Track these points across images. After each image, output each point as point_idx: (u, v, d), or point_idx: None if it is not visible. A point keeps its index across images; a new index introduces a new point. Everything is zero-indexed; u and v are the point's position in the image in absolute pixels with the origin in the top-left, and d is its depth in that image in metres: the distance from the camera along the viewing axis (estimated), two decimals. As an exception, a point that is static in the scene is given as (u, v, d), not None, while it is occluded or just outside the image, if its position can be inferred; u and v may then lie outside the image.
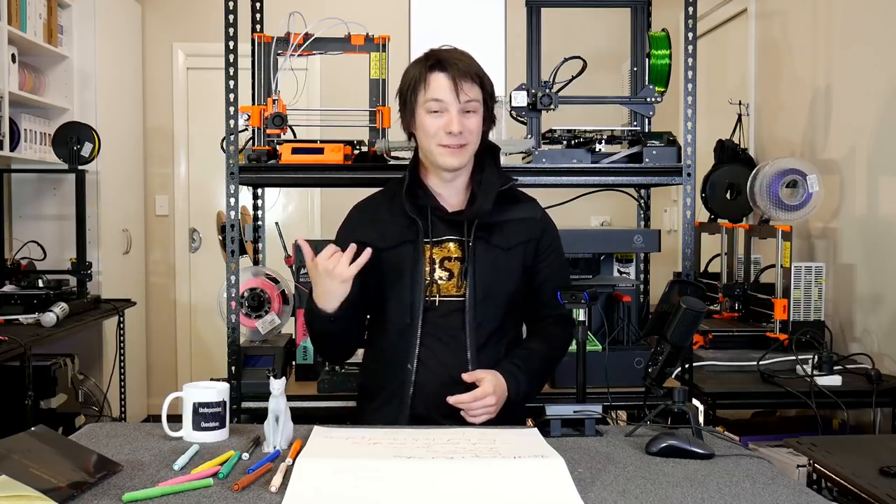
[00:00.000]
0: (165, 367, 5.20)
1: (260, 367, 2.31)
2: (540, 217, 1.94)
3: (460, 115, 1.77)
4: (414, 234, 1.85)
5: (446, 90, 1.77)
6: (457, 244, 1.86)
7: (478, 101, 1.80)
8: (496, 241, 1.85)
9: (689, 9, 2.34)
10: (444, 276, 1.84)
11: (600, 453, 1.49)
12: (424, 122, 1.80)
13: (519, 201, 1.93)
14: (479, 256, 1.83)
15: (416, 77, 1.80)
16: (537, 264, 1.91)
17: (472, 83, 1.78)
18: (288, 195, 5.15)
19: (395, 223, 1.86)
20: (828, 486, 1.62)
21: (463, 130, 1.77)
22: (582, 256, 2.43)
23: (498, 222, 1.86)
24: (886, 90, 2.66)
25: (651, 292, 2.90)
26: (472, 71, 1.79)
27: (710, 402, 2.36)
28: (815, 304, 2.66)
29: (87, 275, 3.79)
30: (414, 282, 1.82)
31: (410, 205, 1.84)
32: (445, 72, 1.77)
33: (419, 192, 1.87)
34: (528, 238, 1.89)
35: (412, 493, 1.23)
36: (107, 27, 4.45)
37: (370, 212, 1.92)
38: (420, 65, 1.81)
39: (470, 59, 1.82)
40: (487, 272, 1.84)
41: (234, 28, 2.28)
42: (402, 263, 1.84)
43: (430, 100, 1.78)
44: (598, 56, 2.84)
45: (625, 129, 2.50)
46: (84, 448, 1.41)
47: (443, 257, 1.85)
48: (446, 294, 1.84)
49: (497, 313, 1.85)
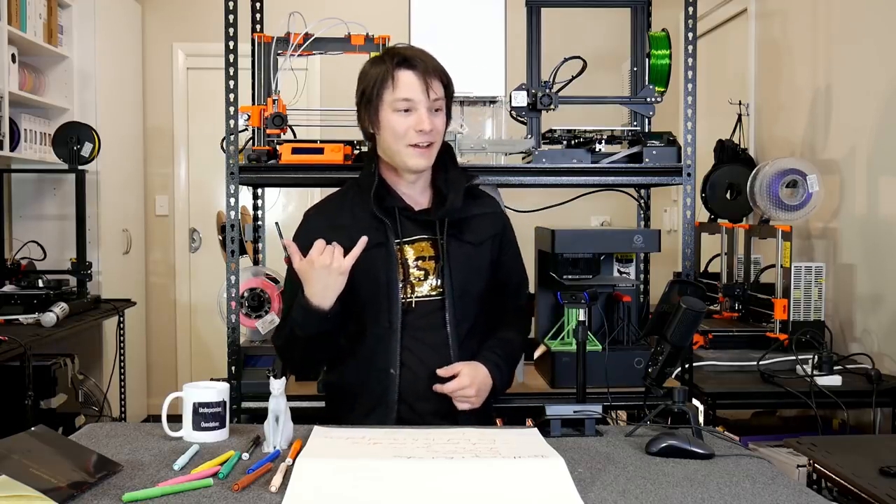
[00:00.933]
0: (165, 367, 5.20)
1: (260, 367, 2.32)
2: (500, 211, 1.97)
3: (430, 114, 1.76)
4: (383, 235, 1.80)
5: (416, 88, 1.74)
6: (429, 242, 1.84)
7: (442, 100, 1.79)
8: (467, 238, 1.86)
9: (689, 9, 2.34)
10: (420, 275, 1.83)
11: (600, 453, 1.49)
12: (392, 121, 1.76)
13: (478, 196, 1.95)
14: (452, 254, 1.83)
15: (382, 75, 1.76)
16: (501, 257, 1.93)
17: (438, 81, 1.77)
18: (288, 195, 5.14)
19: (361, 227, 1.78)
20: (828, 486, 1.62)
21: (433, 129, 1.76)
22: (582, 256, 2.43)
23: (465, 218, 1.86)
24: (886, 90, 2.66)
25: (651, 292, 2.89)
26: (439, 69, 1.78)
27: (710, 402, 2.36)
28: (815, 304, 2.66)
29: (87, 275, 3.79)
30: (390, 284, 1.79)
31: (378, 206, 1.81)
32: (414, 69, 1.75)
33: (384, 194, 1.84)
34: (494, 233, 1.91)
35: (412, 493, 1.23)
36: (107, 27, 4.45)
37: (330, 217, 1.87)
38: (384, 63, 1.77)
39: (432, 57, 1.80)
40: (462, 269, 1.84)
41: (234, 28, 2.28)
42: (375, 267, 1.79)
43: (399, 99, 1.75)
44: (598, 56, 2.84)
45: (625, 129, 2.49)
46: (84, 448, 1.41)
47: (417, 256, 1.83)
48: (423, 294, 1.83)
49: (473, 309, 1.86)
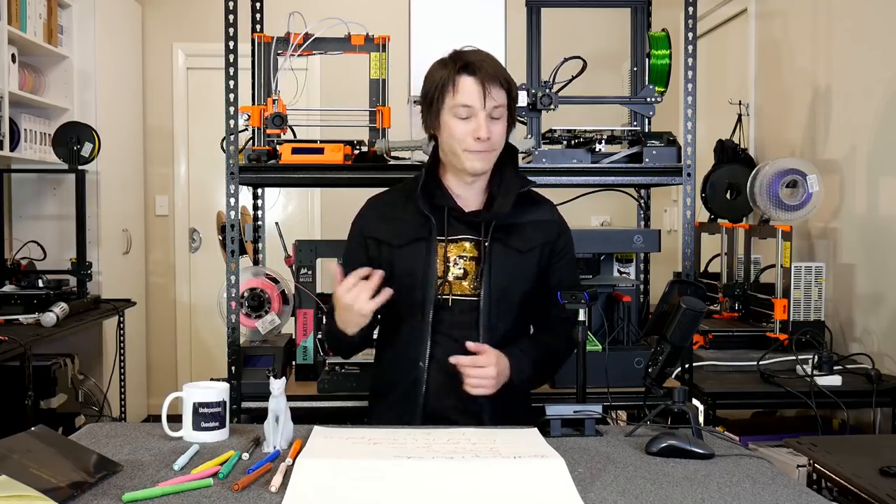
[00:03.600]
0: (165, 367, 5.20)
1: (260, 367, 2.31)
2: (556, 219, 1.93)
3: (487, 121, 1.75)
4: (427, 231, 1.83)
5: (475, 95, 1.74)
6: (473, 244, 1.85)
7: (503, 107, 1.78)
8: (513, 244, 1.85)
9: (689, 9, 2.34)
10: (459, 274, 1.83)
11: (600, 453, 1.49)
12: (451, 126, 1.77)
13: (535, 203, 1.92)
14: (495, 257, 1.82)
15: (444, 79, 1.76)
16: (551, 266, 1.90)
17: (500, 88, 1.76)
18: (288, 195, 5.15)
19: (409, 221, 1.84)
20: (828, 486, 1.62)
21: (491, 136, 1.76)
22: (582, 256, 2.43)
23: (515, 224, 1.85)
24: (886, 90, 2.66)
25: (651, 292, 2.90)
26: (501, 76, 1.77)
27: (710, 402, 2.36)
28: (815, 304, 2.66)
29: (87, 275, 3.79)
30: (426, 279, 1.81)
31: (425, 203, 1.83)
32: (475, 76, 1.74)
33: (436, 192, 1.86)
34: (545, 241, 1.88)
35: (412, 493, 1.23)
36: (107, 27, 4.45)
37: (384, 208, 1.91)
38: (447, 67, 1.77)
39: (496, 62, 1.79)
40: (503, 274, 1.83)
41: (234, 28, 2.28)
42: (415, 261, 1.83)
43: (458, 105, 1.75)
44: (598, 56, 2.84)
45: (625, 129, 2.49)
46: (84, 448, 1.41)
47: (458, 255, 1.84)
48: (460, 293, 1.83)
49: (511, 315, 1.85)
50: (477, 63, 1.76)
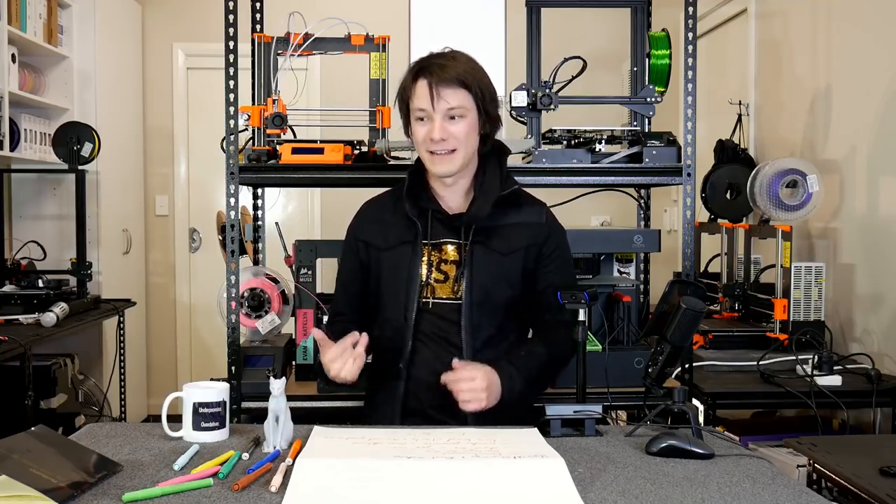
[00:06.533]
0: (165, 367, 5.20)
1: (260, 367, 2.31)
2: (545, 221, 1.91)
3: (444, 122, 1.76)
4: (413, 235, 1.86)
5: (425, 98, 1.76)
6: (455, 247, 1.86)
7: (464, 107, 1.77)
8: (495, 246, 1.85)
9: (689, 9, 2.34)
10: (440, 278, 1.85)
11: (600, 453, 1.49)
12: (414, 129, 1.83)
13: (523, 205, 1.91)
14: (476, 260, 1.83)
15: (405, 85, 1.81)
16: (539, 269, 1.89)
17: (454, 89, 1.76)
18: (288, 195, 5.15)
19: (397, 224, 1.88)
20: (828, 486, 1.62)
21: (447, 137, 1.76)
22: (582, 256, 2.43)
23: (498, 226, 1.86)
24: (886, 90, 2.66)
25: (651, 292, 2.90)
26: (454, 76, 1.76)
27: (710, 402, 2.35)
28: (815, 304, 2.65)
29: (87, 275, 3.79)
30: (410, 282, 1.84)
31: (411, 206, 1.85)
32: (427, 79, 1.76)
33: (421, 194, 1.88)
34: (531, 243, 1.87)
35: (412, 493, 1.23)
36: (107, 27, 4.45)
37: (375, 211, 1.96)
38: (409, 72, 1.82)
39: (457, 63, 1.78)
40: (485, 276, 1.83)
41: (234, 28, 2.28)
42: (400, 264, 1.86)
43: (415, 109, 1.80)
44: (598, 56, 2.84)
45: (625, 129, 2.49)
46: (84, 448, 1.41)
47: (440, 260, 1.86)
48: (442, 297, 1.84)
49: (494, 318, 1.85)
50: (430, 66, 1.77)
